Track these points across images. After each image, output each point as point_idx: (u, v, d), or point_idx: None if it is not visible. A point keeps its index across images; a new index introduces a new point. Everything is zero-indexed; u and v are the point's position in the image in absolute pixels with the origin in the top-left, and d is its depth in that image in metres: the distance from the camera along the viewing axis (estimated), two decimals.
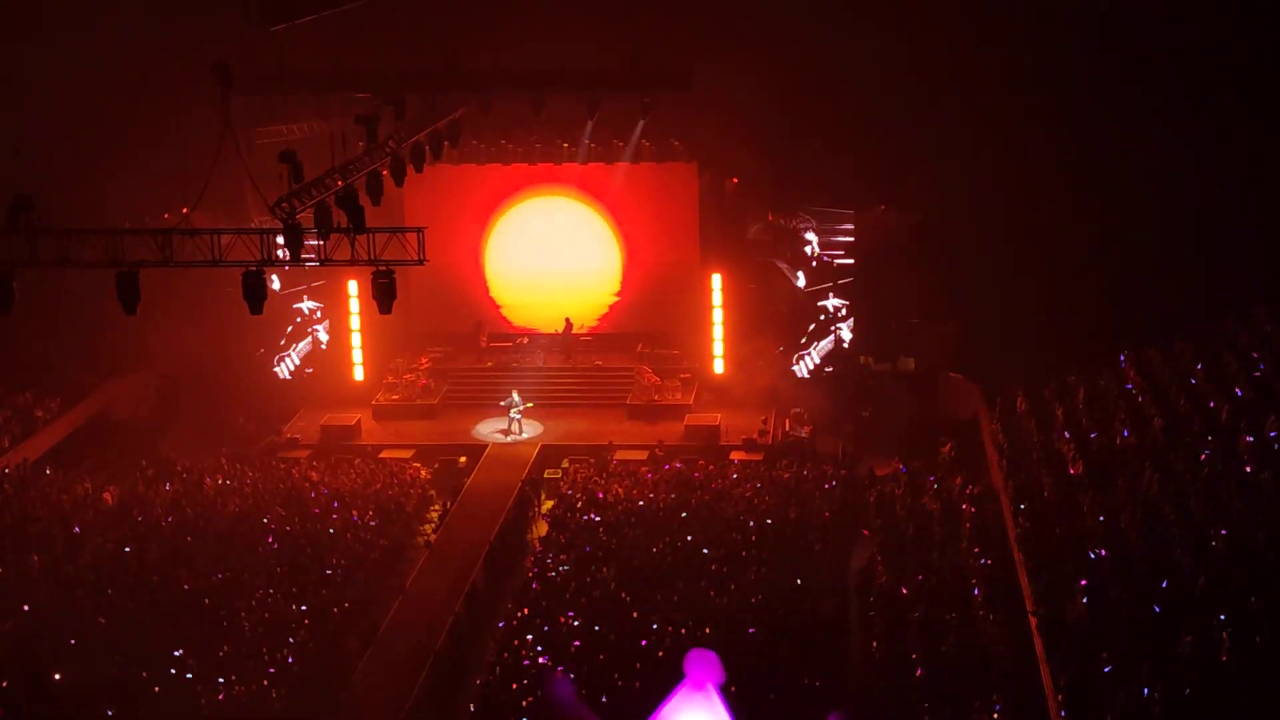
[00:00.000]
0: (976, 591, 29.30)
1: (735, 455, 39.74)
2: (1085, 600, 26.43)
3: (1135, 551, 27.95)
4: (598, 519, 34.74)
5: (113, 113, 43.06)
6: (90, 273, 26.31)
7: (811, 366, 42.46)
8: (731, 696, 9.10)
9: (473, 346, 46.88)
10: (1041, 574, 28.14)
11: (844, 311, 43.63)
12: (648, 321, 46.82)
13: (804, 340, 43.38)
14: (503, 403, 42.27)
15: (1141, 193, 40.78)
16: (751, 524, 33.93)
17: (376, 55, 37.88)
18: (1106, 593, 26.51)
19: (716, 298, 45.23)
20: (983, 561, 30.40)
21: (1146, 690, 23.27)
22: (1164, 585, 26.25)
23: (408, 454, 40.82)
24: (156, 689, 27.66)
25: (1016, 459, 34.39)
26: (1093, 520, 29.55)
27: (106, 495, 36.99)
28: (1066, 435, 34.17)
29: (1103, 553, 28.22)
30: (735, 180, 45.58)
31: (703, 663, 9.05)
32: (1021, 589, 28.78)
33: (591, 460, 39.58)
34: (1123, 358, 37.12)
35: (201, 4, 40.31)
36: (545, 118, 38.81)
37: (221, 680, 27.86)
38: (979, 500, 34.13)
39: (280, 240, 27.07)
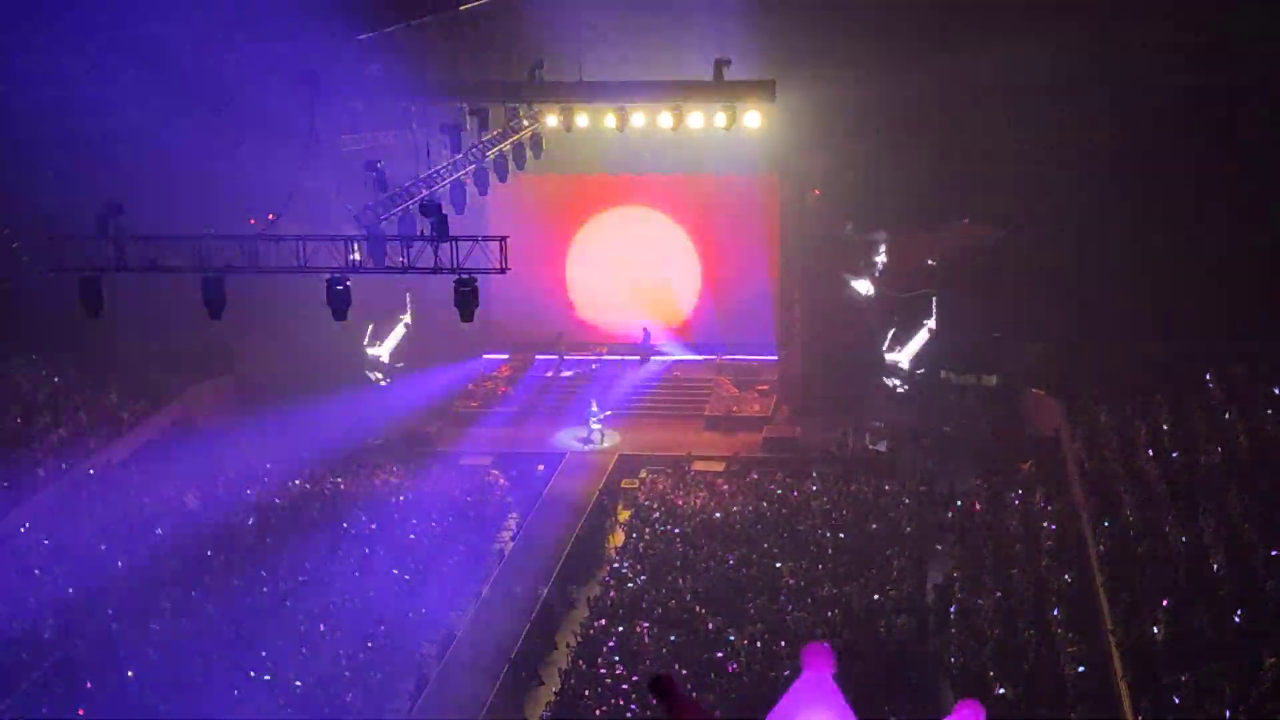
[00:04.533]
0: (1056, 610, 29.05)
1: (813, 468, 39.53)
2: (1166, 620, 26.13)
3: (1218, 572, 27.60)
4: (674, 529, 34.74)
5: (200, 119, 43.54)
6: (177, 278, 26.59)
7: (897, 380, 42.32)
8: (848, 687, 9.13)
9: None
10: (1122, 593, 27.87)
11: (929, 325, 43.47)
12: (727, 332, 46.77)
13: (888, 353, 43.28)
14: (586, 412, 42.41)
15: (1229, 209, 40.26)
16: (829, 537, 33.81)
17: (461, 64, 38.02)
18: (1188, 613, 26.19)
19: (797, 310, 45.10)
20: (1063, 579, 30.12)
21: (1229, 713, 22.99)
22: (1245, 608, 25.90)
23: (486, 460, 41.00)
24: (236, 692, 27.96)
25: (1098, 477, 34.05)
26: (1175, 540, 29.20)
27: (189, 498, 37.44)
28: (1149, 453, 33.78)
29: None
30: (817, 192, 45.36)
31: (820, 654, 9.04)
32: (1101, 608, 28.49)
33: (669, 470, 39.56)
34: (1208, 376, 36.61)
35: (288, 12, 40.67)
36: (628, 128, 38.92)
37: (299, 683, 28.10)
38: (1059, 518, 33.81)
39: (364, 247, 27.28)
